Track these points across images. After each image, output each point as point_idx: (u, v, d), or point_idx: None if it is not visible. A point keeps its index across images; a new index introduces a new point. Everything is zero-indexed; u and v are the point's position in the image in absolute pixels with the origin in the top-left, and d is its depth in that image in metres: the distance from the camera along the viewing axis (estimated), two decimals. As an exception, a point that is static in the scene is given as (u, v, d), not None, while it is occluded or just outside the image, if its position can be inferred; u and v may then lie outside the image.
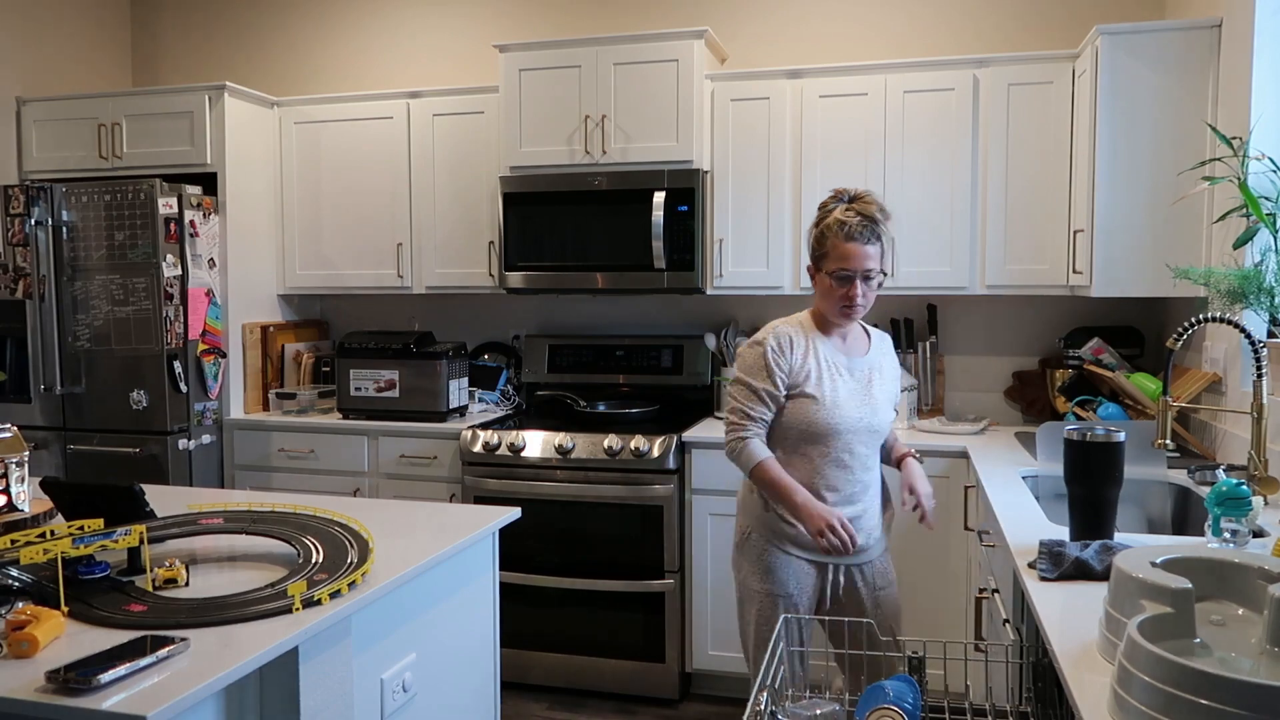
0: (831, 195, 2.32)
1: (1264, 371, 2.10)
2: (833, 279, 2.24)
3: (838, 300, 2.25)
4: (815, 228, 2.29)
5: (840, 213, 2.24)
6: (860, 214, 2.22)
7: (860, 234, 2.21)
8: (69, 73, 4.31)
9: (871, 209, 2.24)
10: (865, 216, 2.22)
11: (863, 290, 2.23)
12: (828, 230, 2.25)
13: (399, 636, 1.79)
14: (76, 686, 1.23)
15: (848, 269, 2.22)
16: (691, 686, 3.51)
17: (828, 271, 2.24)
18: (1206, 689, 0.97)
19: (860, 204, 2.25)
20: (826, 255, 2.25)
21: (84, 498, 1.88)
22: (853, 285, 2.23)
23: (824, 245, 2.26)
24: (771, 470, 2.22)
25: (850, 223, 2.21)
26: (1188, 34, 2.92)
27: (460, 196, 3.84)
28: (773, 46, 3.87)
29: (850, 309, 2.26)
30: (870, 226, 2.22)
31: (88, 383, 3.66)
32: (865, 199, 2.27)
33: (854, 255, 2.22)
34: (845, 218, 2.22)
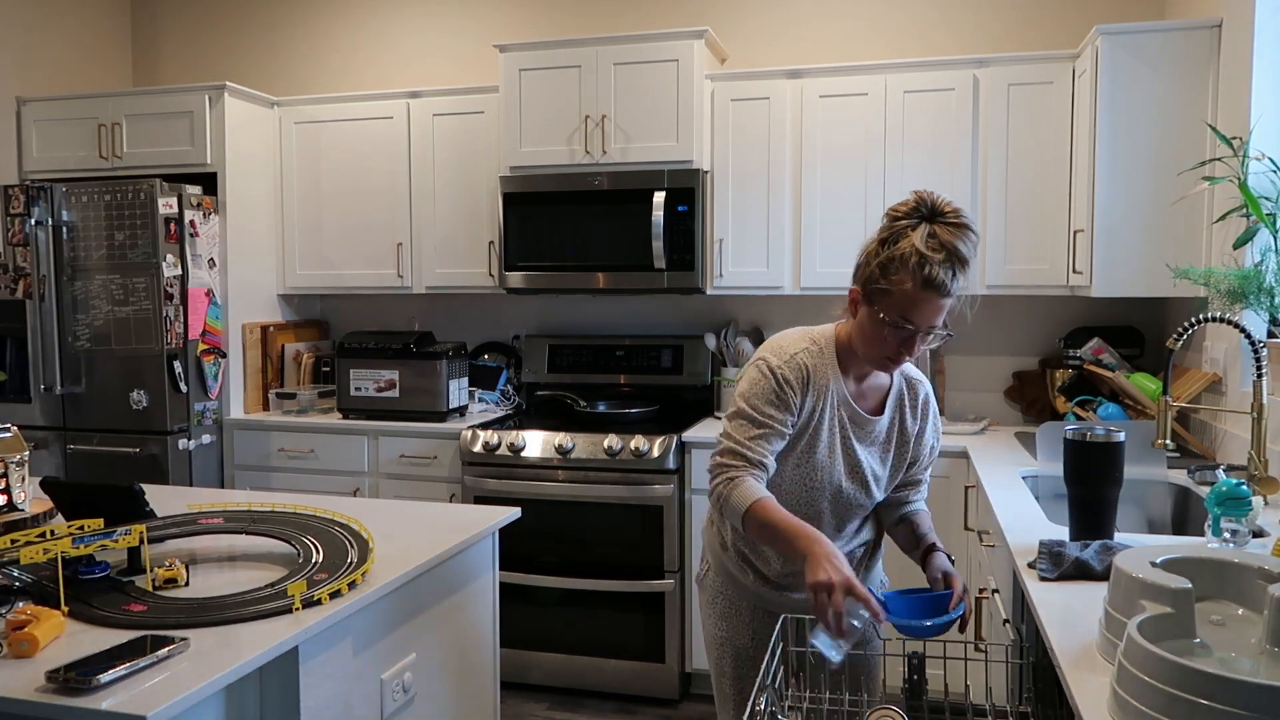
0: (909, 202, 1.72)
1: (1264, 371, 2.10)
2: (888, 328, 1.67)
3: (883, 351, 1.71)
4: (879, 246, 1.70)
5: (922, 241, 1.64)
6: (947, 249, 1.63)
7: (942, 283, 1.63)
8: (69, 73, 4.31)
9: (964, 242, 1.65)
10: (953, 254, 1.63)
11: (919, 346, 1.70)
12: (899, 262, 1.65)
13: (399, 636, 1.79)
14: (76, 686, 1.23)
15: (911, 323, 1.65)
16: (691, 686, 3.51)
17: (883, 315, 1.67)
18: (1206, 689, 0.97)
19: (950, 231, 1.65)
20: (888, 294, 1.66)
21: (84, 498, 1.88)
22: (913, 342, 1.68)
23: (888, 278, 1.66)
24: (768, 510, 1.66)
25: (933, 261, 1.62)
26: (1188, 34, 2.92)
27: (460, 196, 3.84)
28: (773, 46, 3.87)
29: (894, 364, 1.75)
30: (956, 269, 1.64)
31: (88, 383, 3.66)
32: (956, 220, 1.67)
33: (926, 308, 1.64)
34: (928, 251, 1.63)
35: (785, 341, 1.83)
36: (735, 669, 1.93)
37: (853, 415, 1.81)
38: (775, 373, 1.76)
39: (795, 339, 1.83)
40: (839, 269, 3.48)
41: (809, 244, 3.50)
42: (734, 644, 1.93)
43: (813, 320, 4.05)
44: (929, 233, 1.65)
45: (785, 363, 1.77)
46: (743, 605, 1.92)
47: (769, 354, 1.80)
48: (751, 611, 1.92)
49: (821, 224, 3.48)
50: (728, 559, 1.92)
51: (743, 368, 1.87)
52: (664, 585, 3.33)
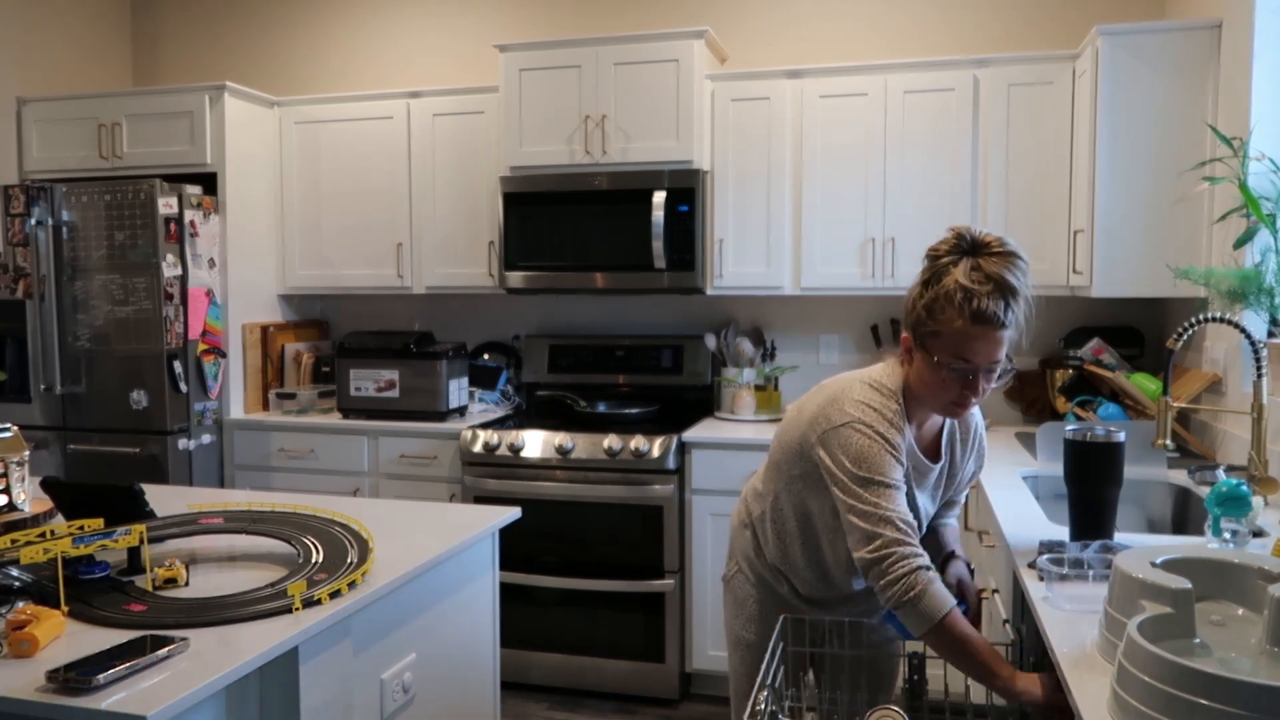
0: (949, 239, 1.64)
1: (1264, 372, 2.10)
2: (946, 370, 1.61)
3: (946, 396, 1.64)
4: (923, 288, 1.64)
5: (965, 275, 1.57)
6: (994, 280, 1.56)
7: (992, 315, 1.55)
8: (69, 73, 4.31)
9: (1011, 272, 1.57)
10: (999, 285, 1.56)
11: (983, 385, 1.62)
12: (945, 300, 1.58)
13: (399, 636, 1.79)
14: (76, 686, 1.23)
15: (968, 360, 1.59)
16: (691, 686, 3.51)
17: (939, 359, 1.61)
18: (1206, 689, 0.97)
19: (995, 261, 1.58)
20: (940, 335, 1.60)
21: (84, 498, 1.88)
22: (975, 381, 1.61)
23: (935, 319, 1.60)
24: (961, 627, 1.53)
25: (980, 294, 1.55)
26: (1188, 34, 2.92)
27: (460, 196, 3.84)
28: (773, 46, 3.87)
29: (962, 408, 1.66)
30: (1007, 299, 1.56)
31: (88, 383, 3.66)
32: (1000, 251, 1.59)
33: (981, 344, 1.58)
34: (973, 285, 1.56)
35: (877, 403, 1.68)
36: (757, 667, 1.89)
37: (917, 464, 1.75)
38: (887, 438, 1.65)
39: (883, 401, 1.69)
40: (839, 269, 3.48)
41: (809, 244, 3.50)
42: (762, 648, 1.87)
43: (812, 320, 4.04)
44: (972, 266, 1.58)
45: (889, 429, 1.66)
46: (773, 611, 1.88)
47: (871, 417, 1.66)
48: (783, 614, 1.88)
49: (821, 224, 3.48)
50: (761, 566, 1.90)
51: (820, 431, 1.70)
52: (664, 585, 3.33)
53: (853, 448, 1.64)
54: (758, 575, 1.91)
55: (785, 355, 3.89)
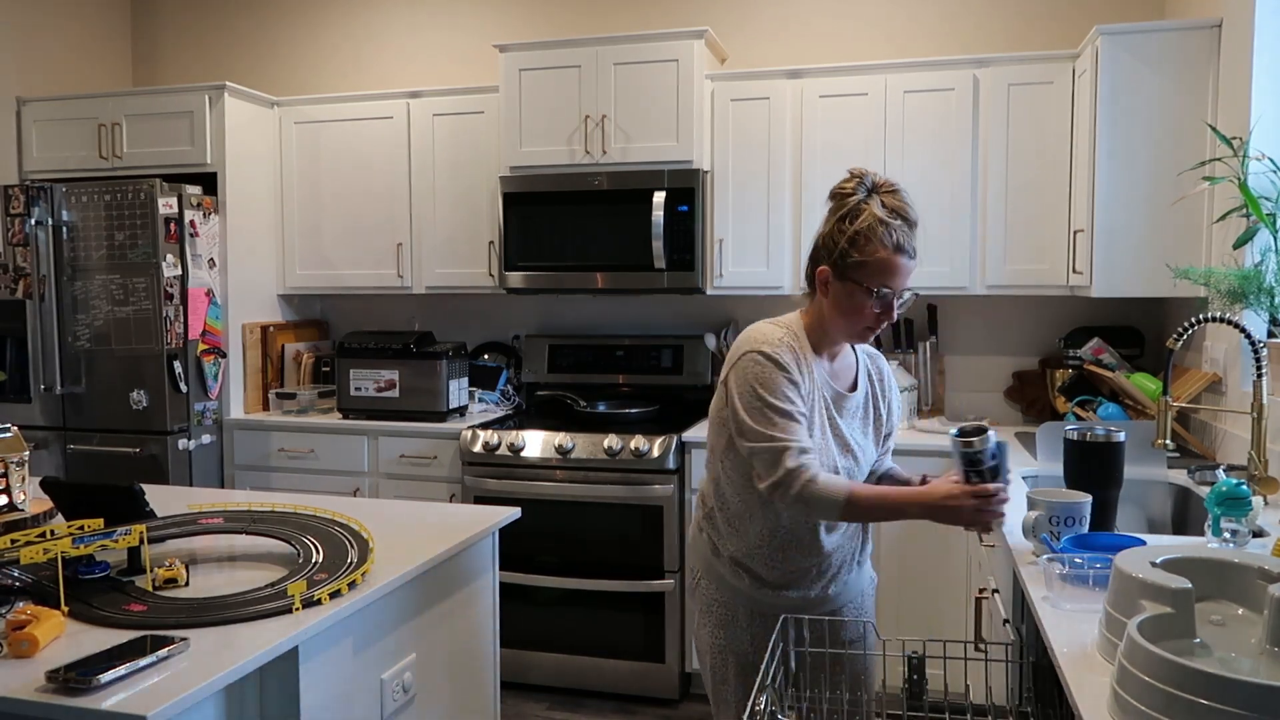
0: (849, 178, 1.84)
1: (1264, 371, 2.10)
2: (870, 297, 1.76)
3: (864, 322, 1.80)
4: (844, 222, 1.80)
5: (880, 209, 1.76)
6: (900, 214, 1.77)
7: (911, 247, 1.77)
8: (69, 73, 4.31)
9: (908, 208, 1.79)
10: (906, 219, 1.78)
11: (896, 310, 1.81)
12: (869, 233, 1.75)
13: (399, 636, 1.79)
14: (76, 686, 1.23)
15: (890, 287, 1.76)
16: (691, 686, 3.51)
17: (866, 285, 1.76)
18: (1206, 689, 0.97)
19: (895, 198, 1.79)
20: (864, 265, 1.76)
21: (84, 498, 1.88)
22: (890, 307, 1.78)
23: (861, 249, 1.76)
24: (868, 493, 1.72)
25: (894, 228, 1.75)
26: (1188, 34, 2.92)
27: (460, 196, 3.84)
28: (773, 46, 3.87)
29: (872, 333, 1.84)
30: (913, 232, 1.79)
31: (88, 383, 3.66)
32: (897, 192, 1.80)
33: (900, 272, 1.76)
34: (889, 218, 1.75)
35: (763, 333, 1.82)
36: (739, 675, 1.90)
37: (834, 395, 1.85)
38: (776, 358, 1.77)
39: (770, 329, 1.84)
40: (839, 269, 3.48)
41: (809, 244, 3.48)
42: (734, 650, 1.90)
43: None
44: (880, 203, 1.76)
45: (776, 350, 1.78)
46: (739, 611, 1.90)
47: (757, 346, 1.79)
48: (749, 617, 1.89)
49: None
50: (720, 564, 1.90)
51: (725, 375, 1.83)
52: (664, 585, 3.33)
53: (749, 373, 1.77)
54: (717, 577, 1.91)
55: (785, 355, 3.88)
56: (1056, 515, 1.72)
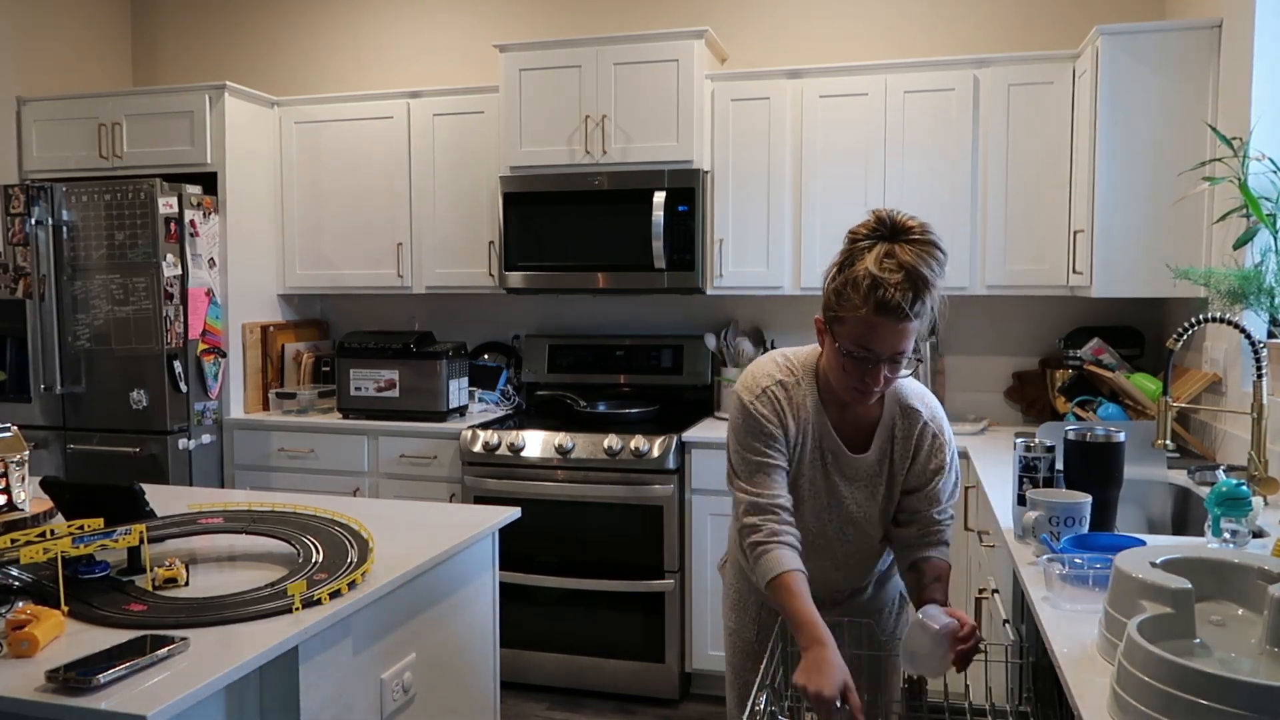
0: (869, 221, 1.60)
1: (1264, 372, 2.10)
2: (848, 357, 1.59)
3: (849, 382, 1.62)
4: (836, 270, 1.62)
5: (876, 263, 1.52)
6: (905, 269, 1.51)
7: (897, 306, 1.51)
8: (69, 73, 4.31)
9: (923, 261, 1.52)
10: (910, 274, 1.51)
11: (885, 376, 1.60)
12: (852, 286, 1.55)
13: (399, 636, 1.79)
14: (76, 686, 1.23)
15: (869, 350, 1.57)
16: (691, 686, 3.51)
17: (841, 347, 1.59)
18: (1206, 689, 0.97)
19: (911, 250, 1.53)
20: (843, 322, 1.58)
21: (84, 497, 1.88)
22: (875, 370, 1.58)
23: (841, 304, 1.58)
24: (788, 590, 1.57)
25: (887, 284, 1.51)
26: (1188, 34, 2.92)
27: (460, 196, 3.84)
28: (773, 46, 3.87)
29: (864, 396, 1.63)
30: (915, 291, 1.52)
31: (88, 382, 3.66)
32: (920, 238, 1.54)
33: (883, 334, 1.54)
34: (882, 273, 1.51)
35: (758, 373, 1.73)
36: (739, 660, 1.95)
37: (834, 450, 1.71)
38: (749, 408, 1.69)
39: (768, 369, 1.73)
40: (839, 269, 3.48)
41: (809, 244, 3.50)
42: (741, 636, 1.94)
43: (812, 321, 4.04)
44: (885, 253, 1.53)
45: (757, 398, 1.69)
46: (750, 600, 1.93)
47: (742, 389, 1.73)
48: (759, 607, 1.92)
49: (821, 224, 3.48)
50: (740, 556, 1.91)
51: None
52: (664, 585, 3.33)
53: (733, 415, 1.72)
54: (738, 565, 1.95)
55: (785, 355, 3.89)
56: (1056, 515, 1.72)
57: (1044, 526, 1.73)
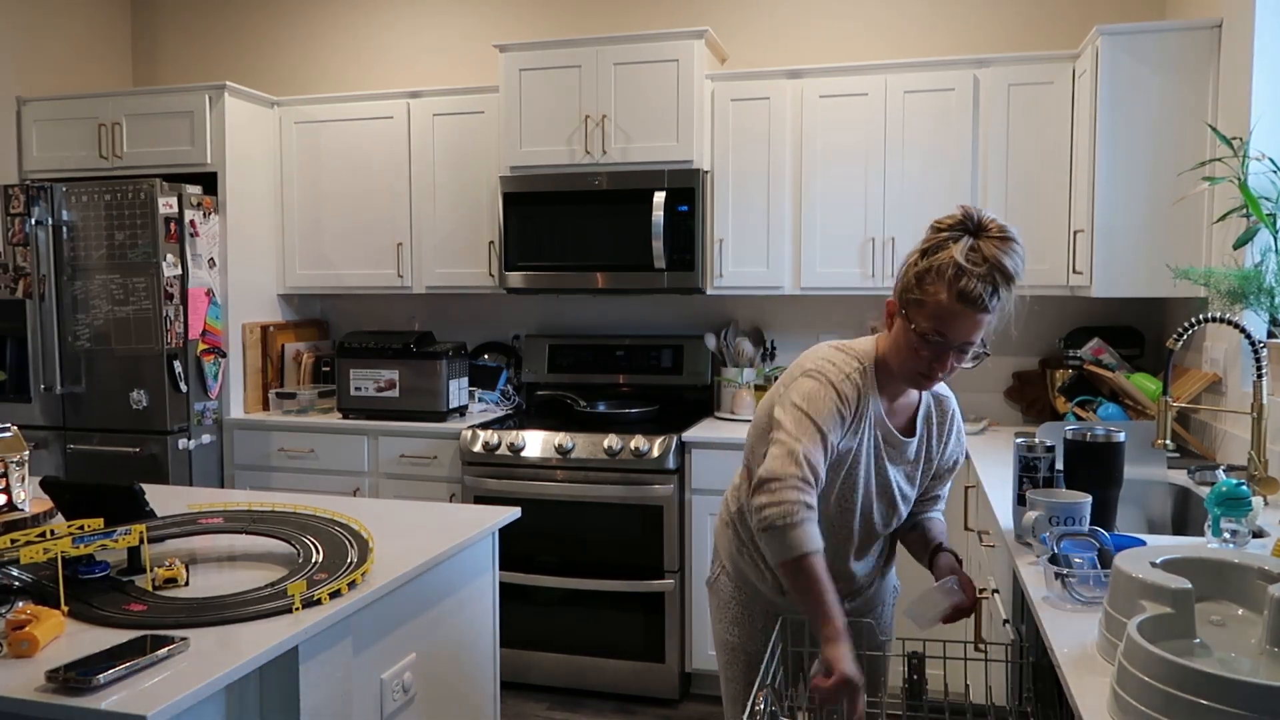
0: (955, 215, 1.68)
1: (1264, 372, 2.10)
2: (921, 340, 1.64)
3: (916, 366, 1.68)
4: (920, 256, 1.67)
5: (963, 253, 1.60)
6: (990, 262, 1.60)
7: (979, 296, 1.59)
8: (69, 73, 4.31)
9: (1008, 256, 1.61)
10: (995, 268, 1.60)
11: (952, 364, 1.67)
12: (936, 273, 1.61)
13: (399, 636, 1.79)
14: (76, 686, 1.23)
15: (944, 335, 1.62)
16: (691, 686, 3.51)
17: (914, 326, 1.64)
18: (1206, 689, 0.97)
19: (995, 245, 1.61)
20: (922, 305, 1.64)
21: (84, 497, 1.88)
22: (946, 357, 1.65)
23: (922, 288, 1.63)
24: (815, 570, 1.58)
25: (971, 274, 1.59)
26: (1188, 34, 2.92)
27: (460, 196, 3.84)
28: (773, 46, 3.87)
29: (928, 380, 1.70)
30: (996, 284, 1.60)
31: (88, 383, 3.66)
32: (1001, 235, 1.63)
33: (961, 321, 1.61)
34: (967, 264, 1.59)
35: (838, 359, 1.75)
36: (747, 674, 1.90)
37: (887, 435, 1.77)
38: (838, 389, 1.69)
39: (845, 359, 1.75)
40: (839, 269, 3.48)
41: (809, 244, 3.50)
42: (746, 650, 1.90)
43: (812, 321, 4.05)
44: (971, 245, 1.61)
45: (843, 381, 1.71)
46: (756, 610, 1.89)
47: (827, 367, 1.72)
48: (765, 617, 1.88)
49: (821, 224, 3.48)
50: (744, 562, 1.88)
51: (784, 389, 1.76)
52: (664, 585, 3.33)
53: (803, 389, 1.70)
54: (740, 574, 1.91)
55: (785, 355, 3.89)
56: (1056, 515, 1.72)
57: (1044, 526, 1.73)
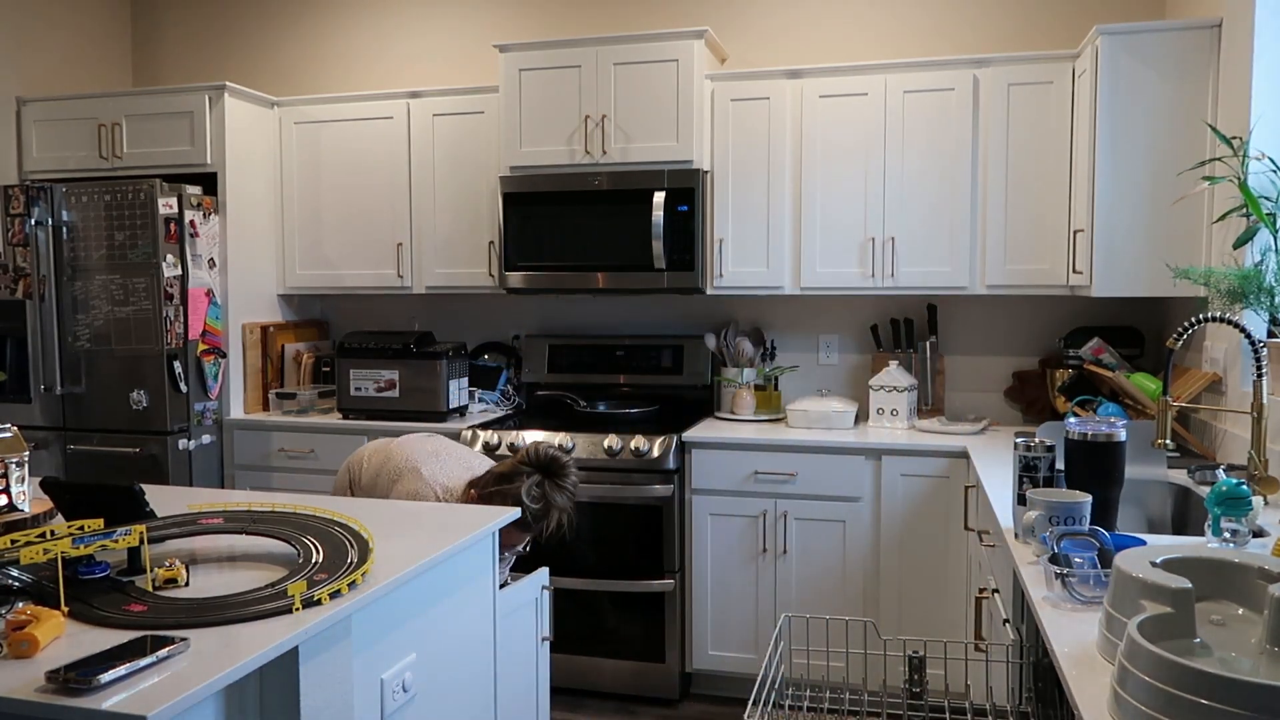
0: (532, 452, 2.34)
1: (1264, 371, 2.10)
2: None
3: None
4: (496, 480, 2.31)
5: (526, 490, 2.24)
6: (548, 500, 2.26)
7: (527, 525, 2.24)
8: (69, 73, 4.31)
9: (560, 496, 2.29)
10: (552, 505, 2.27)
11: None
12: (502, 497, 2.26)
13: (399, 636, 1.79)
14: (76, 686, 1.23)
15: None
16: (691, 686, 3.51)
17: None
18: (1206, 689, 0.97)
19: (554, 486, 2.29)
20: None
21: (84, 498, 1.88)
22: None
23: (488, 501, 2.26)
24: None
25: (529, 509, 2.23)
26: (1188, 34, 2.92)
27: (460, 196, 3.84)
28: (773, 46, 3.87)
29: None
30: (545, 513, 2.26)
31: (88, 383, 3.66)
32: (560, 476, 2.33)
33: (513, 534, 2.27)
34: (529, 500, 2.23)
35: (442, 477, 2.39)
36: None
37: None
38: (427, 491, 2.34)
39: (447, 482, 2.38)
40: (839, 269, 3.48)
41: (809, 244, 3.50)
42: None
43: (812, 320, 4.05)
44: (536, 482, 2.24)
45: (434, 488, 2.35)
46: None
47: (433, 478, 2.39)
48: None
49: (821, 224, 3.48)
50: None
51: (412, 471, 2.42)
52: (664, 585, 3.33)
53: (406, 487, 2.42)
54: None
55: (785, 355, 3.89)
56: (1056, 515, 1.72)
57: (1044, 526, 1.73)
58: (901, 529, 3.21)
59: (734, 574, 3.35)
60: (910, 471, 3.19)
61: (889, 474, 3.21)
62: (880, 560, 3.23)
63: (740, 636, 3.36)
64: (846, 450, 3.24)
